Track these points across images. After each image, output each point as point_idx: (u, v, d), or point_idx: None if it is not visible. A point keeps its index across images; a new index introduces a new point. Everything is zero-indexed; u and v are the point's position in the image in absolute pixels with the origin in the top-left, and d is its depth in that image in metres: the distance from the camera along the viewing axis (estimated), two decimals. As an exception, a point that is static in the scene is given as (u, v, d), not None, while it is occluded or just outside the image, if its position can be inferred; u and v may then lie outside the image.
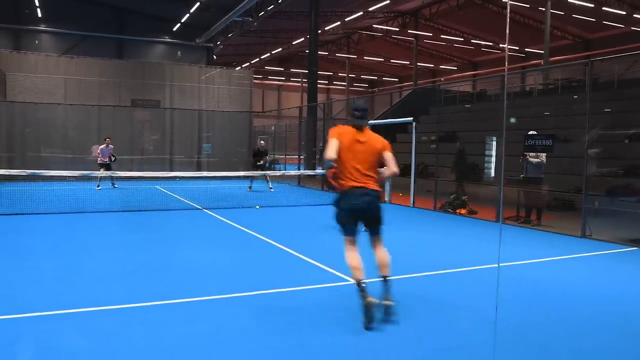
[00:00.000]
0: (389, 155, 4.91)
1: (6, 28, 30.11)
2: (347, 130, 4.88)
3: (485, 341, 4.21)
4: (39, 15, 31.25)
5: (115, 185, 17.34)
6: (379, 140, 4.95)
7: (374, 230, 5.00)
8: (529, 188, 11.20)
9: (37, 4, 29.74)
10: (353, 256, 4.78)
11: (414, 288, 5.95)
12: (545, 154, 11.00)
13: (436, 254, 8.01)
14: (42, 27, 32.16)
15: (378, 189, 4.87)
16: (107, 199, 14.27)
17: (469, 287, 6.07)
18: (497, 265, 7.04)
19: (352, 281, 4.88)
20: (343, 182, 4.84)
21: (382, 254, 4.93)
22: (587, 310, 5.32)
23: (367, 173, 4.81)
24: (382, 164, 4.95)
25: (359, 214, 4.88)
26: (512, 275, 6.59)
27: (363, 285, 4.59)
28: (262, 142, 18.59)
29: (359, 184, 4.77)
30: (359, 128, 4.89)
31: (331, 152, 4.71)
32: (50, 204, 12.54)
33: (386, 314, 4.65)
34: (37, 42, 31.58)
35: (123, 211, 12.07)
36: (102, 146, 16.98)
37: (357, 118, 4.89)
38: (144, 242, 8.44)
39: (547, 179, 11.72)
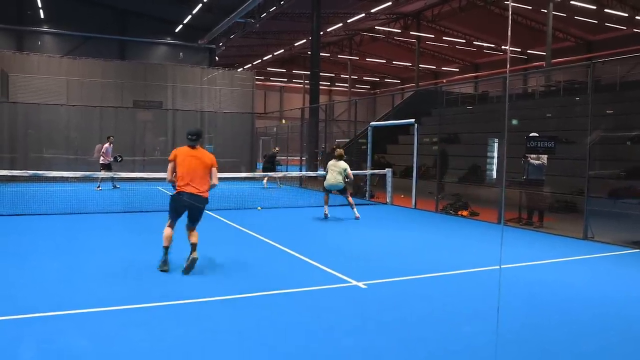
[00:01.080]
0: (214, 170, 6.61)
1: (9, 29, 30.21)
2: (182, 150, 6.57)
3: (487, 344, 4.20)
4: (42, 16, 31.36)
5: (117, 186, 17.36)
6: (208, 156, 6.61)
7: (194, 220, 6.65)
8: (531, 190, 11.19)
9: (39, 5, 29.83)
10: (167, 231, 6.54)
11: (416, 290, 5.95)
12: (546, 156, 10.99)
13: (438, 255, 8.00)
14: (45, 29, 32.27)
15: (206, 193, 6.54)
16: (108, 200, 14.29)
17: (470, 289, 6.06)
18: (498, 267, 7.03)
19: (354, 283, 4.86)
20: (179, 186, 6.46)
21: (194, 234, 6.54)
22: (589, 312, 5.31)
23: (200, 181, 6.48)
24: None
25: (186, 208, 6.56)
26: (514, 277, 6.58)
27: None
28: (277, 148, 20.65)
29: (190, 189, 6.41)
30: (193, 147, 6.52)
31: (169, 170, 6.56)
32: (52, 204, 12.55)
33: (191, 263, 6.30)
34: (39, 43, 31.68)
35: (125, 212, 12.08)
36: (106, 145, 16.92)
37: (190, 141, 6.55)
38: (145, 243, 8.44)
39: (549, 181, 11.70)
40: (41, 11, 30.84)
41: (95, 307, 4.95)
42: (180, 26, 33.65)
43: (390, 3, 28.58)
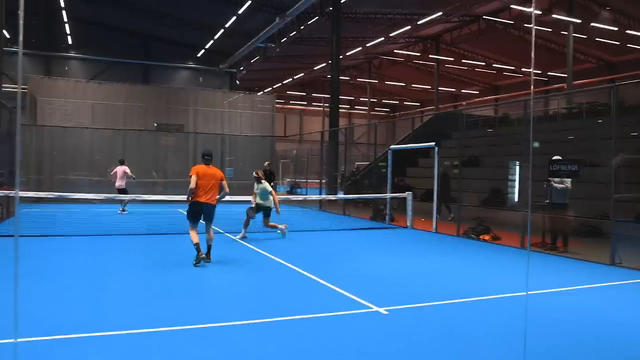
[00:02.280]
0: (224, 183, 8.90)
1: (38, 55, 31.11)
2: (200, 167, 8.69)
3: (513, 372, 4.09)
4: (70, 42, 32.27)
5: (125, 211, 16.87)
6: (218, 172, 8.87)
7: (209, 219, 8.85)
8: (554, 214, 11.02)
9: (67, 31, 30.71)
10: (194, 233, 8.53)
11: (438, 316, 5.85)
12: (570, 179, 10.84)
13: (459, 281, 7.87)
14: (72, 54, 33.17)
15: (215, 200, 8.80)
16: (130, 222, 14.42)
17: (494, 316, 5.94)
18: (522, 293, 6.89)
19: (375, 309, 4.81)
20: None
21: (211, 234, 8.76)
22: (616, 340, 5.16)
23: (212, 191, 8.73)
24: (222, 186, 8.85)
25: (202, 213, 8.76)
26: (538, 303, 6.44)
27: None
28: (267, 162, 19.83)
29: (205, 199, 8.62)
30: (207, 165, 8.75)
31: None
32: (76, 226, 12.73)
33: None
34: (67, 68, 32.59)
35: (147, 234, 12.16)
36: (124, 167, 16.49)
37: (205, 160, 8.81)
38: (167, 265, 8.48)
39: (573, 205, 11.52)
40: (69, 37, 31.76)
41: (117, 330, 4.97)
42: (202, 51, 34.32)
43: (409, 27, 28.79)
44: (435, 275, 8.24)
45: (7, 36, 28.90)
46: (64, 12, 27.65)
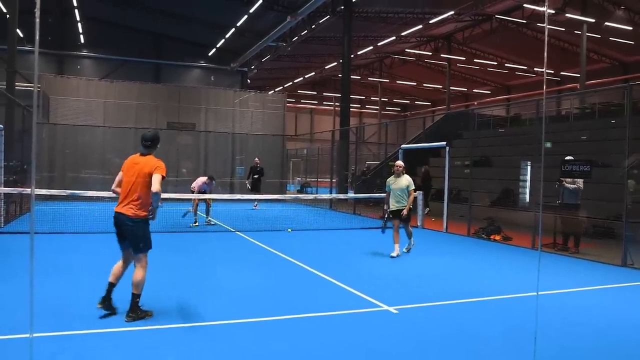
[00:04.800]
0: (155, 176, 5.33)
1: (51, 54, 31.39)
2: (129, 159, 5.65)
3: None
4: (82, 41, 32.52)
5: None
6: (151, 163, 5.42)
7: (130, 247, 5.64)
8: (566, 214, 10.95)
9: (80, 30, 30.95)
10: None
11: (448, 316, 5.84)
12: (582, 180, 10.76)
13: (470, 281, 7.85)
14: (84, 53, 33.43)
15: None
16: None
17: (504, 316, 5.93)
18: (533, 294, 6.87)
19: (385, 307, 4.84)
20: None
21: (135, 271, 5.49)
22: (628, 342, 5.12)
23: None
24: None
25: None
26: (549, 304, 6.42)
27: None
28: (256, 159, 19.92)
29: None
30: (143, 154, 5.50)
31: None
32: (87, 223, 12.82)
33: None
34: (79, 67, 32.84)
35: (160, 232, 12.20)
36: None
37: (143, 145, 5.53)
38: (179, 264, 8.55)
39: (585, 205, 11.44)
40: (81, 36, 32.00)
41: (129, 327, 5.02)
42: (214, 50, 34.43)
43: (420, 26, 28.68)
44: (445, 275, 8.23)
45: (21, 35, 29.32)
46: (76, 11, 27.84)
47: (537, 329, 3.95)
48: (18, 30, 28.29)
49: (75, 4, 26.69)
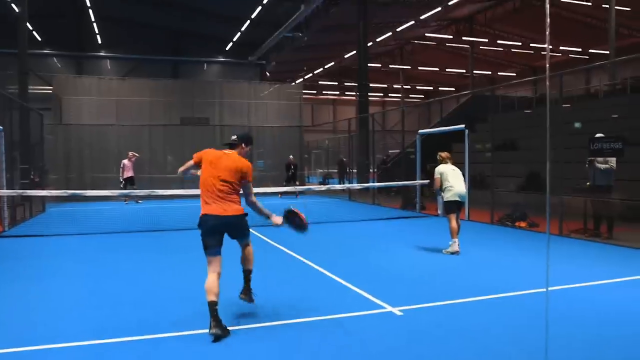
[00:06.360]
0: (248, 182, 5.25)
1: (69, 55, 31.53)
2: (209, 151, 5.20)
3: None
4: (100, 42, 32.51)
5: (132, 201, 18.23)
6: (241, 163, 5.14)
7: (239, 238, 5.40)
8: (598, 197, 10.10)
9: (96, 31, 30.91)
10: (210, 277, 4.91)
11: (459, 318, 5.16)
12: (614, 159, 9.90)
13: (490, 274, 7.15)
14: (102, 54, 33.44)
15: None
16: (154, 217, 14.11)
17: (523, 316, 5.20)
18: (560, 287, 6.15)
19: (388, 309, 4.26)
20: None
21: (247, 251, 5.49)
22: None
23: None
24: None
25: None
26: (578, 299, 5.70)
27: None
28: (291, 156, 21.81)
29: None
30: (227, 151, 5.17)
31: None
32: (98, 223, 12.55)
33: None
34: (97, 68, 32.82)
35: (172, 230, 11.78)
36: (124, 160, 18.50)
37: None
38: (184, 262, 8.09)
39: (619, 187, 10.57)
40: (98, 37, 31.98)
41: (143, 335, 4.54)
42: (230, 44, 34.04)
43: (439, 8, 27.70)
44: (463, 269, 7.52)
45: (39, 39, 29.45)
46: (90, 11, 27.72)
47: (553, 333, 3.30)
48: (35, 33, 28.54)
49: (88, 4, 26.53)
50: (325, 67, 42.92)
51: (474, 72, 38.66)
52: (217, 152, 5.09)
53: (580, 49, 34.47)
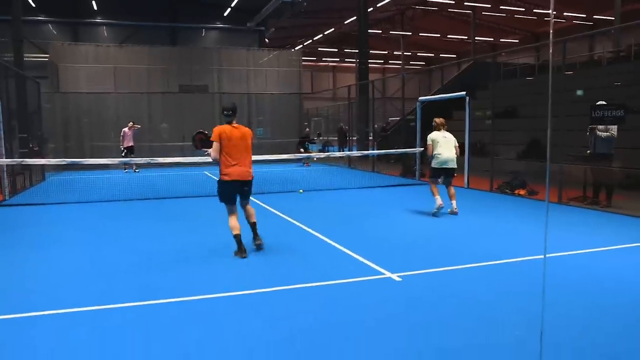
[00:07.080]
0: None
1: (65, 22, 30.96)
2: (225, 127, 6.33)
3: (536, 353, 3.45)
4: (95, 8, 31.91)
5: (136, 170, 18.43)
6: (248, 131, 6.58)
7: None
8: (598, 165, 10.07)
9: (92, -3, 30.31)
10: (233, 220, 6.43)
11: (457, 283, 5.20)
12: (616, 127, 9.83)
13: (488, 241, 7.17)
14: (99, 20, 32.86)
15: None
16: (154, 185, 14.12)
17: (521, 282, 5.24)
18: (558, 254, 6.18)
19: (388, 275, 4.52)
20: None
21: (249, 208, 6.69)
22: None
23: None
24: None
25: None
26: (575, 267, 5.73)
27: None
28: (307, 129, 22.36)
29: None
30: (231, 123, 6.37)
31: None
32: (98, 192, 12.55)
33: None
34: (93, 34, 32.30)
35: (172, 198, 11.79)
36: (125, 129, 18.24)
37: (225, 115, 6.40)
38: (184, 229, 8.12)
39: (619, 155, 10.52)
40: (94, 3, 31.38)
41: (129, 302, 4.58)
42: (229, 10, 33.44)
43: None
44: (462, 236, 7.55)
45: (33, 5, 28.89)
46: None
47: (551, 298, 3.31)
48: (30, 1, 27.98)
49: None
50: (325, 33, 42.28)
51: (476, 38, 38.08)
52: (228, 127, 6.25)
53: (584, 15, 33.88)
